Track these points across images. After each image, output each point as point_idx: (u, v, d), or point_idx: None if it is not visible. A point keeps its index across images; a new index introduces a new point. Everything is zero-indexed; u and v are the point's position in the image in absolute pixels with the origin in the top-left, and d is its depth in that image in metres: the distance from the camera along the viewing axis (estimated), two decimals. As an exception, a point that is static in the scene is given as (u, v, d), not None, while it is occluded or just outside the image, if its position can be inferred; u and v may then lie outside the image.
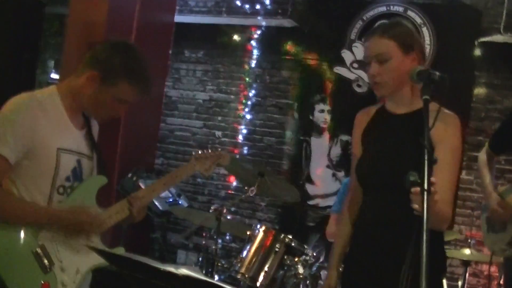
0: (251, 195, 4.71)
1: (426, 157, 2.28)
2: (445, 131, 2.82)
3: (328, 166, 7.28)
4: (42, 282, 2.83)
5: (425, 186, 2.22)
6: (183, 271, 1.84)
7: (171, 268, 1.86)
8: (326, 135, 7.36)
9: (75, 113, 3.08)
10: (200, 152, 3.53)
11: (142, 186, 6.03)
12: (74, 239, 2.97)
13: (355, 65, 7.20)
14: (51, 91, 3.04)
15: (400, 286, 2.34)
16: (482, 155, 4.34)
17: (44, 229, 2.90)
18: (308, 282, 4.54)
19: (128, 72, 2.97)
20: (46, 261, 2.87)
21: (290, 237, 4.43)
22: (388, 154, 2.96)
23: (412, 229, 2.39)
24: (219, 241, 7.43)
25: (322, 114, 7.41)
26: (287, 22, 7.70)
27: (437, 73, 2.51)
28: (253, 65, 7.92)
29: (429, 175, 2.24)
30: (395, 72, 2.90)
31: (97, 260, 2.98)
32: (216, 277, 4.84)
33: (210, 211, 4.86)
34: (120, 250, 3.10)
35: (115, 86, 2.97)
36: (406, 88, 2.96)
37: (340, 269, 3.25)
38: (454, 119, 2.91)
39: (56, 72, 8.46)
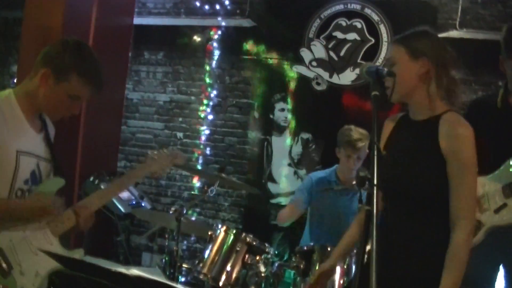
0: (211, 195, 4.73)
1: (375, 153, 2.31)
2: (460, 142, 2.83)
3: (289, 165, 7.32)
4: (1, 286, 2.81)
5: (375, 181, 2.26)
6: (134, 271, 1.85)
7: (122, 269, 1.87)
8: (287, 134, 7.40)
9: (32, 116, 3.07)
10: (155, 152, 3.53)
11: (104, 190, 5.99)
12: (36, 221, 2.95)
13: (314, 63, 7.24)
14: (8, 95, 3.02)
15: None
16: None
17: (4, 226, 2.87)
18: (271, 280, 4.55)
19: (78, 66, 2.98)
20: (5, 266, 2.85)
21: (251, 236, 4.44)
22: (403, 161, 2.96)
23: (430, 236, 2.45)
24: (184, 242, 7.48)
25: (282, 113, 7.43)
26: (246, 22, 7.71)
27: (385, 69, 2.56)
28: (213, 65, 7.92)
29: (378, 170, 2.28)
30: (400, 76, 2.88)
31: (56, 263, 2.96)
32: (183, 279, 4.83)
33: (171, 212, 4.85)
34: (79, 252, 3.09)
35: (66, 81, 2.97)
36: (419, 94, 2.95)
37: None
38: (468, 129, 2.90)
39: (20, 77, 8.40)
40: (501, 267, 4.01)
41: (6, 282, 2.84)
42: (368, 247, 2.35)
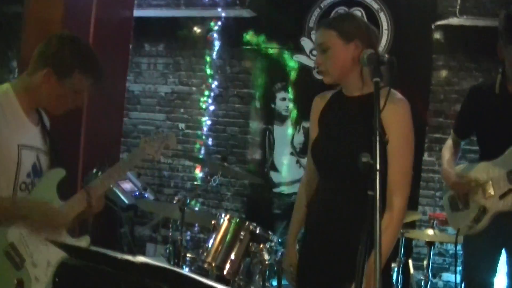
0: (213, 184, 4.74)
1: (377, 139, 2.33)
2: (394, 117, 2.86)
3: (291, 154, 7.34)
4: (16, 281, 2.84)
5: (377, 167, 2.27)
6: (141, 258, 1.86)
7: (128, 257, 1.88)
8: (289, 123, 7.42)
9: (30, 110, 3.09)
10: (148, 137, 3.55)
11: (107, 182, 6.01)
12: (39, 233, 2.96)
13: (315, 52, 7.23)
14: (6, 90, 3.03)
15: (357, 267, 2.38)
16: (448, 141, 4.38)
17: (12, 224, 2.89)
18: (275, 268, 4.56)
19: (79, 61, 3.00)
20: (17, 259, 2.88)
21: (254, 224, 4.45)
22: (340, 136, 3.01)
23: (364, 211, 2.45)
24: (188, 232, 7.51)
25: (283, 102, 7.46)
26: (246, 13, 7.72)
27: (386, 56, 2.57)
28: (213, 56, 7.94)
29: (381, 156, 2.29)
30: (336, 60, 2.97)
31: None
32: (187, 269, 4.85)
33: (174, 202, 4.87)
34: (86, 239, 3.15)
35: (69, 78, 2.98)
36: (353, 74, 3.00)
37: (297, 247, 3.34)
38: (403, 103, 2.94)
39: (20, 71, 8.39)
40: (503, 252, 4.03)
41: (19, 274, 2.87)
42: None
